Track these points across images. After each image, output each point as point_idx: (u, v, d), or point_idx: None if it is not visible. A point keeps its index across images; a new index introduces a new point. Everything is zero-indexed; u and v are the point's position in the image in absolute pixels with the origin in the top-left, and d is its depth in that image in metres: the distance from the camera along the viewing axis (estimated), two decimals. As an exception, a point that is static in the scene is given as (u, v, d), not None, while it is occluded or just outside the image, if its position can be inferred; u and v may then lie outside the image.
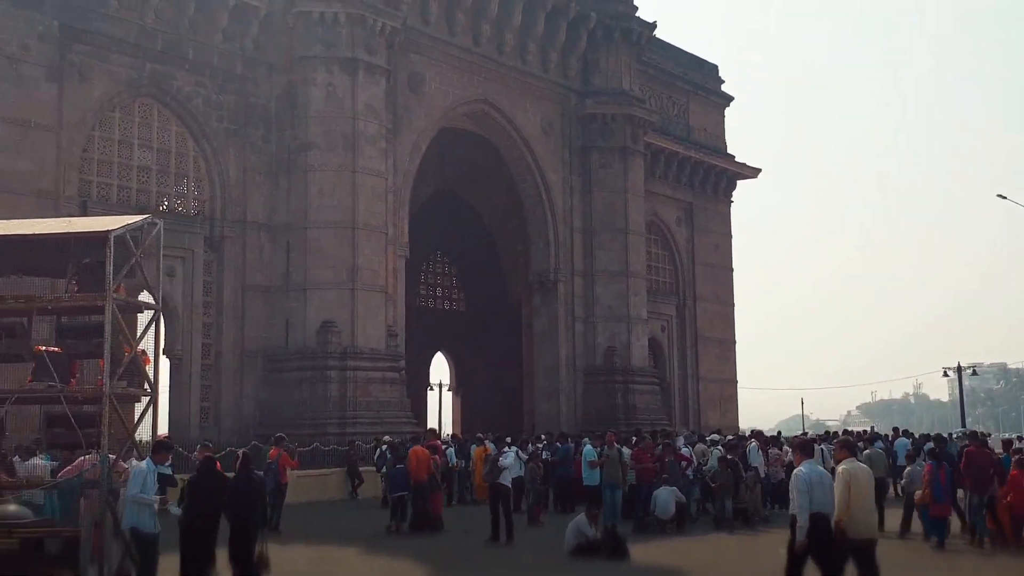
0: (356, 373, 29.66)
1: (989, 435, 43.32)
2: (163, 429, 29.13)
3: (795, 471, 10.52)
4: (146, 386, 11.80)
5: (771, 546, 16.45)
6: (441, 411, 53.75)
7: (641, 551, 15.92)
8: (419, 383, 47.35)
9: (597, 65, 39.40)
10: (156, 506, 10.51)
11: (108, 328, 10.67)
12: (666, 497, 18.78)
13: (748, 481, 20.46)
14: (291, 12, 30.35)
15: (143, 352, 11.69)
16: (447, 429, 47.51)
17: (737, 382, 47.89)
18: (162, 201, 29.08)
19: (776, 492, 22.16)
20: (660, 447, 20.90)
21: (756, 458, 22.47)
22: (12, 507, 9.72)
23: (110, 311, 10.67)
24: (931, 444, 21.27)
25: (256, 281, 30.06)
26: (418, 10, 33.66)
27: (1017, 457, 17.06)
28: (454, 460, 24.79)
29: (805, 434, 36.07)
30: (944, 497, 16.49)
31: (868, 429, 38.61)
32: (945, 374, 49.54)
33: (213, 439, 27.09)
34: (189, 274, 29.19)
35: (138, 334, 11.90)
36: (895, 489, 21.58)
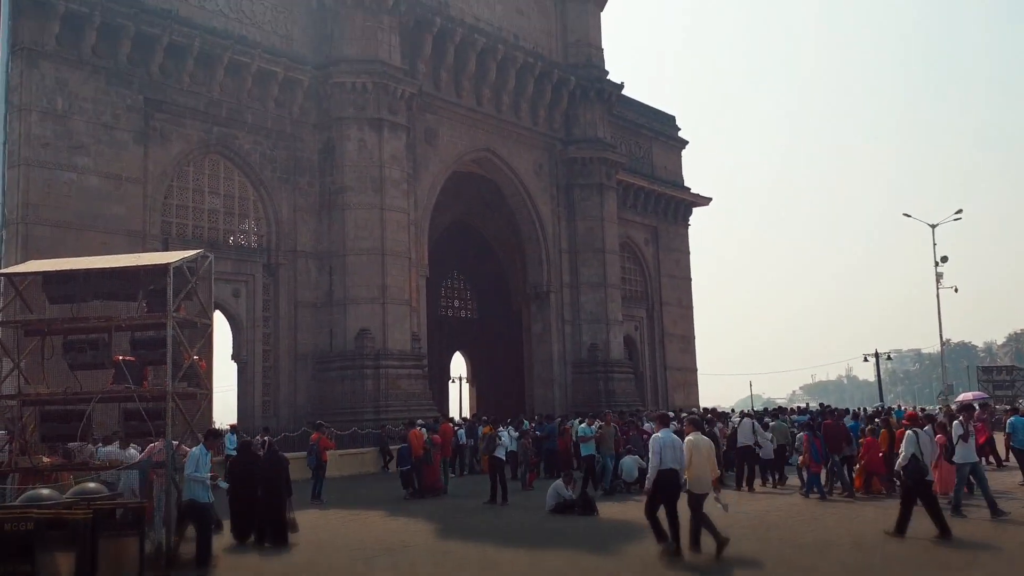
0: (387, 371, 29.72)
1: (915, 407, 42.98)
2: (232, 419, 29.36)
3: (653, 436, 11.05)
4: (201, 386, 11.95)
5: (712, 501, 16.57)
6: (461, 399, 53.94)
7: (608, 508, 15.99)
8: (442, 377, 47.48)
9: (577, 119, 39.51)
10: (208, 482, 10.66)
11: (169, 341, 10.86)
12: (630, 464, 18.84)
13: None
14: (329, 82, 30.48)
15: (199, 359, 11.85)
16: (466, 414, 47.61)
17: (697, 370, 47.82)
18: (228, 237, 29.23)
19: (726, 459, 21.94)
20: (625, 423, 20.94)
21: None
22: (91, 484, 9.89)
23: (170, 327, 10.85)
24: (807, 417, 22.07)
25: (305, 298, 30.18)
26: (431, 78, 33.87)
27: (870, 427, 17.66)
28: (464, 439, 24.81)
29: (748, 410, 35.89)
30: (820, 458, 16.97)
31: (806, 405, 38.62)
32: (866, 359, 49.28)
33: (272, 426, 27.40)
34: (251, 294, 29.37)
35: (199, 345, 12.09)
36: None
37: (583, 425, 20.86)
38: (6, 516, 8.50)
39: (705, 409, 31.94)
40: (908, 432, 12.12)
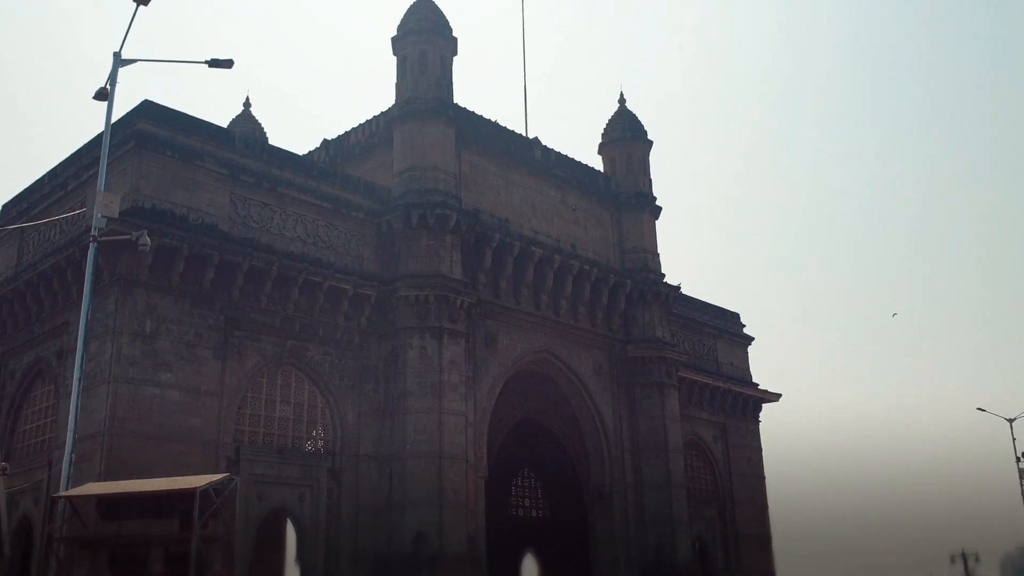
0: (443, 575, 30.44)
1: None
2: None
3: None
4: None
5: None
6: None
7: None
8: (512, 580, 47.27)
9: (635, 319, 41.29)
10: None
11: (193, 557, 12.59)
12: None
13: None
14: (394, 296, 33.15)
15: (222, 570, 13.48)
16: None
17: (775, 573, 46.45)
18: (296, 443, 31.33)
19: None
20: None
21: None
22: None
23: (195, 545, 12.61)
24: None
25: (366, 501, 31.49)
26: (491, 287, 36.47)
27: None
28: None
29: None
30: None
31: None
32: (952, 561, 46.82)
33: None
34: (315, 498, 30.84)
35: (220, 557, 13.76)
36: None
37: None
38: None
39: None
40: None
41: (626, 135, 44.28)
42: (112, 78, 22.32)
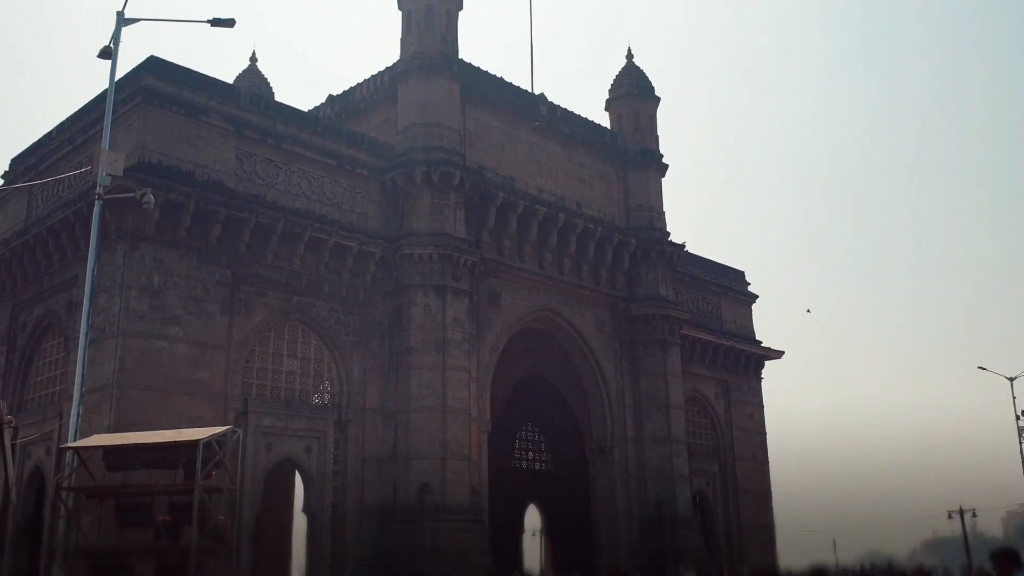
0: (445, 525, 31.08)
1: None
2: (300, 572, 31.13)
3: None
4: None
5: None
6: (542, 553, 54.03)
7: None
8: (514, 531, 48.15)
9: (639, 278, 41.45)
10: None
11: (196, 505, 13.00)
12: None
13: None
14: (398, 254, 33.39)
15: (224, 518, 13.92)
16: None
17: (774, 527, 47.10)
18: (303, 396, 31.83)
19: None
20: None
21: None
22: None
23: (198, 493, 13.01)
24: None
25: (372, 453, 32.12)
26: (495, 247, 36.62)
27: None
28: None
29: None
30: None
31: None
32: (950, 516, 47.24)
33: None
34: (322, 450, 31.50)
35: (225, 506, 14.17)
36: None
37: None
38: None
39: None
40: None
41: (633, 91, 43.98)
42: (116, 36, 22.34)
